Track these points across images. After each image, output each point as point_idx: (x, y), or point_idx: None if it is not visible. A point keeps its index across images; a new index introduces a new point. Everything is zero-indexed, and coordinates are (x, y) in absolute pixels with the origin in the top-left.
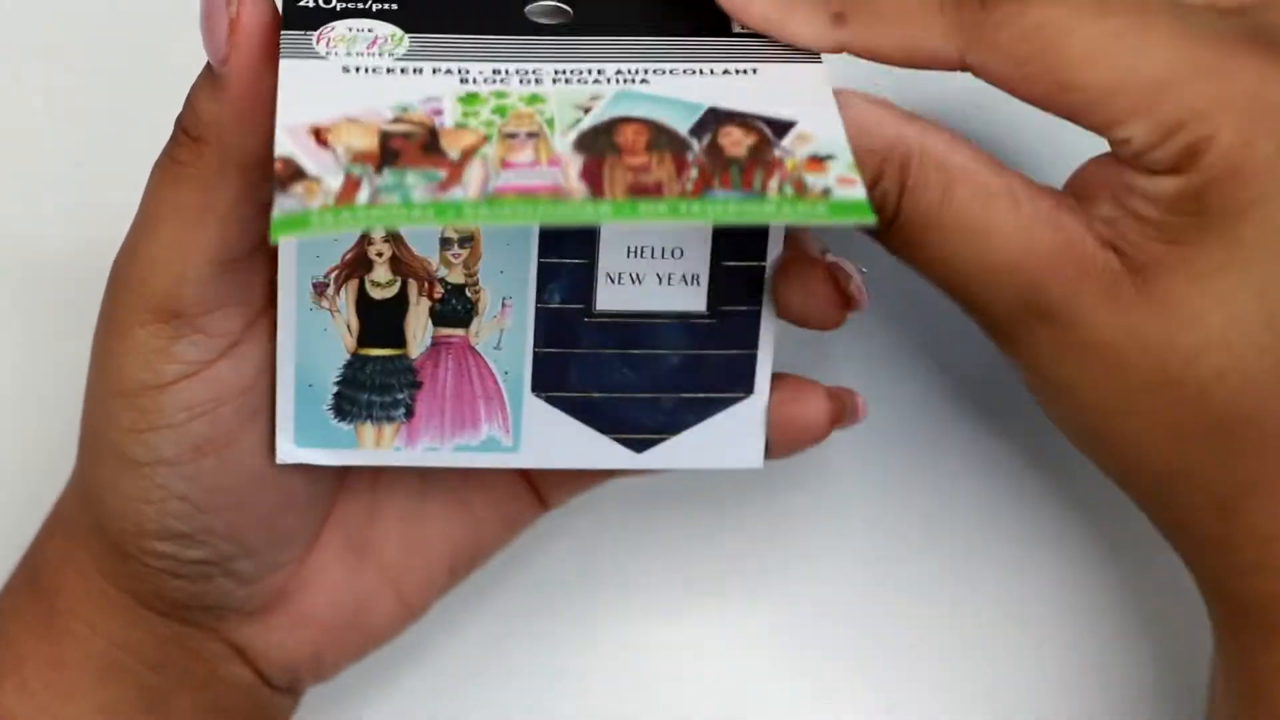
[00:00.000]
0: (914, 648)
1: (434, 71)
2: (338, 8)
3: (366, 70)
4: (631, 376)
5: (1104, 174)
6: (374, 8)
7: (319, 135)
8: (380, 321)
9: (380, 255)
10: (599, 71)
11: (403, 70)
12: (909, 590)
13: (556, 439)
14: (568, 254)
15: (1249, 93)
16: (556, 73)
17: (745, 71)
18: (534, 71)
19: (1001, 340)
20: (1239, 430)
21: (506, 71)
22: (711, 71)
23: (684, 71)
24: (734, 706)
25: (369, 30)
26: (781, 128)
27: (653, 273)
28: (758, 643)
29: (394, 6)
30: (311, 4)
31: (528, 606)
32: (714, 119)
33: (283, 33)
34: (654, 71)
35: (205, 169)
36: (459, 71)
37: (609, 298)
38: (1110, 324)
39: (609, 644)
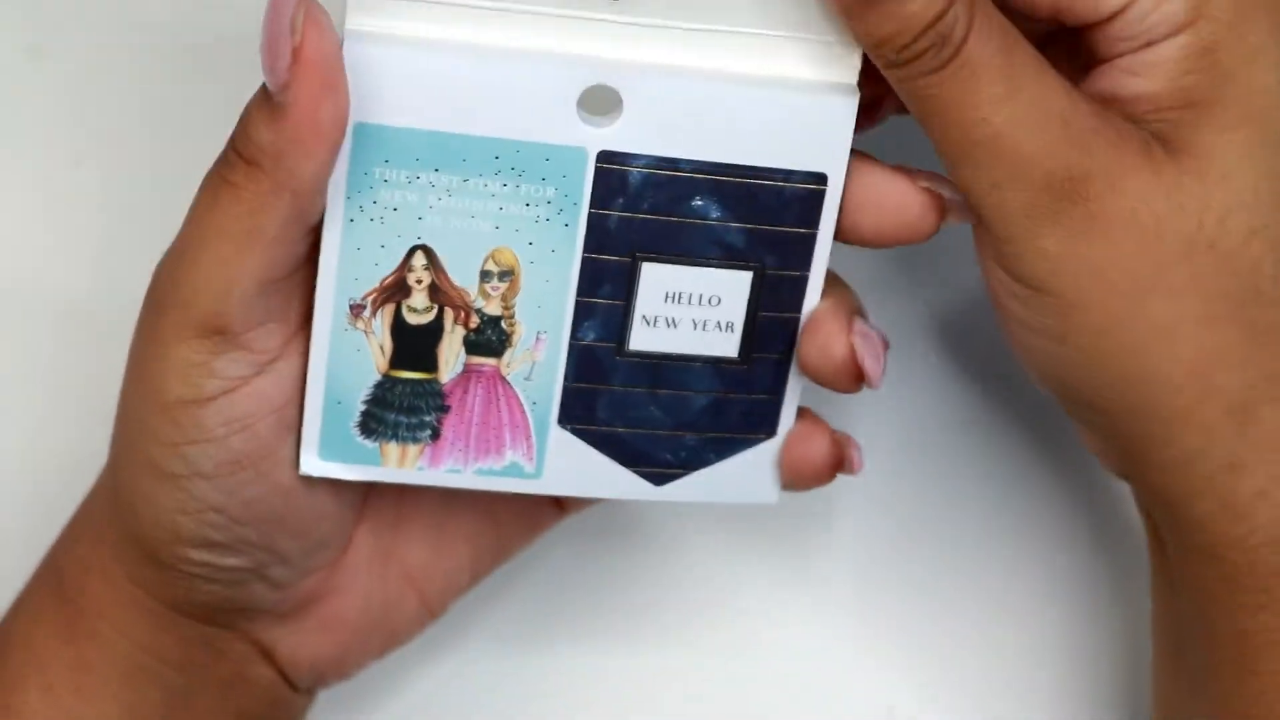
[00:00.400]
0: (914, 647)
1: None
2: None
3: None
4: (658, 414)
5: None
6: None
7: None
8: (414, 346)
9: (419, 283)
10: None
11: None
12: (909, 590)
13: (578, 468)
14: (605, 295)
15: None
16: None
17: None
18: None
19: (1029, 225)
20: (1263, 301)
21: None
22: None
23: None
24: (733, 706)
25: None
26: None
27: (688, 318)
28: (757, 642)
29: None
30: None
31: (535, 609)
32: None
33: None
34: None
35: (257, 192)
36: None
37: (642, 339)
38: (1148, 187)
39: (613, 644)
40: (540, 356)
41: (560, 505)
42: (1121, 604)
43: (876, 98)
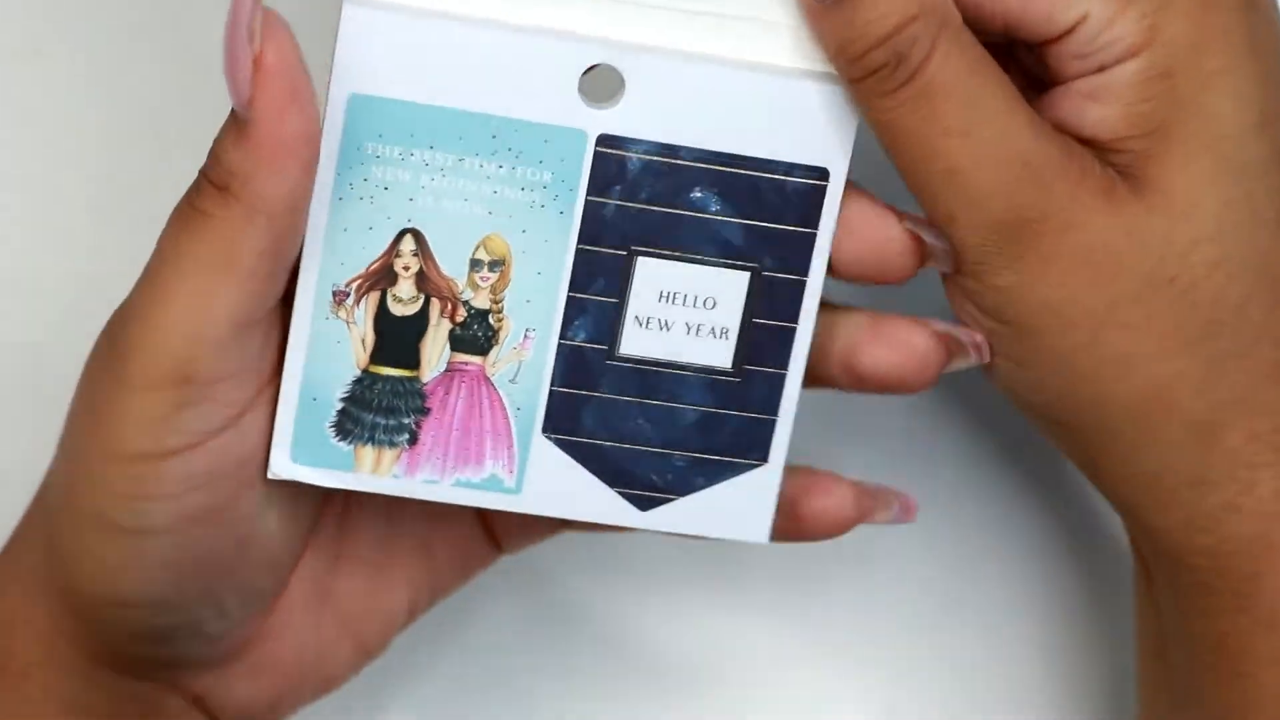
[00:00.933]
0: (914, 648)
1: None
2: None
3: None
4: (646, 428)
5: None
6: None
7: None
8: (397, 339)
9: (407, 269)
10: None
11: None
12: (909, 591)
13: (560, 486)
14: (598, 291)
15: None
16: None
17: None
18: None
19: (984, 259)
20: (1225, 332)
21: None
22: None
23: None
24: (733, 704)
25: None
26: None
27: (682, 321)
28: (757, 642)
29: None
30: None
31: (542, 614)
32: None
33: None
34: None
35: (230, 218)
36: None
37: (634, 342)
38: (1109, 225)
39: (607, 644)
40: (527, 356)
41: (496, 545)
42: (1124, 605)
43: None
